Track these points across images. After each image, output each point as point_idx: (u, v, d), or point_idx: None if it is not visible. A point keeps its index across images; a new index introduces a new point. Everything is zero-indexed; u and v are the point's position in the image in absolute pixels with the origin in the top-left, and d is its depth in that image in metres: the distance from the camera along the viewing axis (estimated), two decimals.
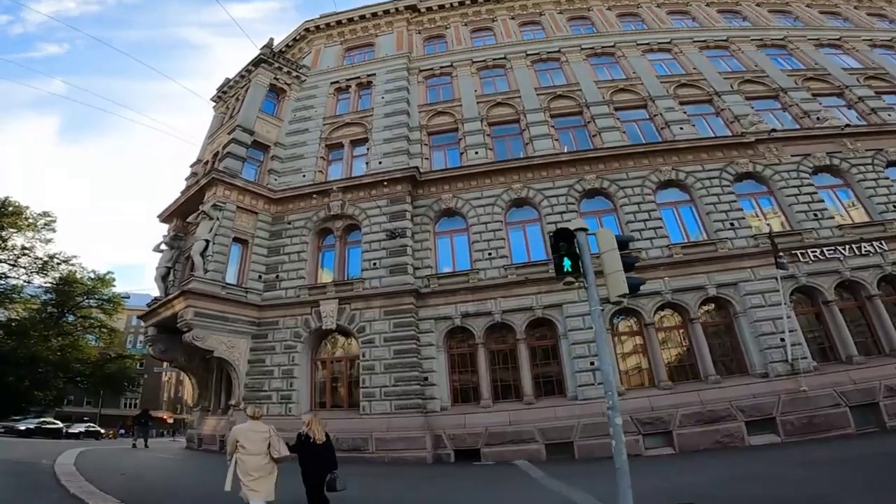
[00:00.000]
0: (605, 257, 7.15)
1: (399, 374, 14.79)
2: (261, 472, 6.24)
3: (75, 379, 36.70)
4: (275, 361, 15.80)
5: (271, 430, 6.64)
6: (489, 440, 13.98)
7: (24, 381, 32.02)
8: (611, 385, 6.54)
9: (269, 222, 18.23)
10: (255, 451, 6.32)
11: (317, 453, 6.67)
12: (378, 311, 15.75)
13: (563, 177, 18.23)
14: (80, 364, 36.33)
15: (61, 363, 34.28)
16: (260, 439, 6.43)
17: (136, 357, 39.51)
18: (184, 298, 15.28)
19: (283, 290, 16.84)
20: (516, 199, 18.06)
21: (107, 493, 8.38)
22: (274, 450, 6.45)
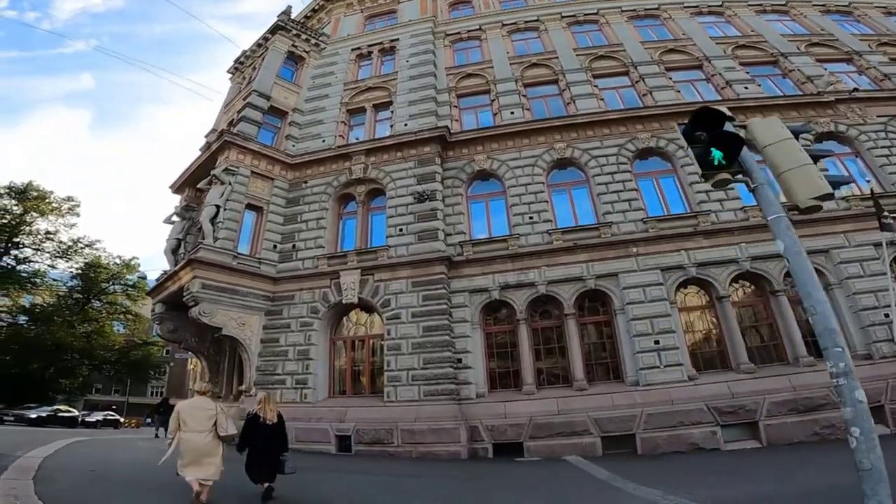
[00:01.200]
0: (776, 150, 4.54)
1: (429, 354, 12.49)
2: (204, 450, 5.76)
3: (100, 366, 35.59)
4: (290, 341, 13.68)
5: (218, 408, 6.17)
6: (534, 432, 11.54)
7: (49, 369, 30.95)
8: (836, 338, 3.88)
9: (285, 189, 16.16)
10: (199, 429, 5.83)
11: (267, 434, 6.28)
12: (405, 282, 13.50)
13: (612, 136, 15.77)
14: (106, 351, 35.20)
15: (86, 350, 33.13)
16: (205, 417, 5.93)
17: (160, 344, 38.22)
18: (190, 269, 13.29)
19: (300, 261, 14.71)
20: (559, 159, 15.58)
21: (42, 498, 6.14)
22: (220, 427, 5.95)
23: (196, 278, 13.10)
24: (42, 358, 30.31)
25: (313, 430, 12.33)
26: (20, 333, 31.26)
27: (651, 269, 13.00)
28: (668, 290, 12.76)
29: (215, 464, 5.85)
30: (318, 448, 12.09)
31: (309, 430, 12.36)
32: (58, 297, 33.27)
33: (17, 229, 29.45)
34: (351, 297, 13.60)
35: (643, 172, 15.24)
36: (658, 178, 15.21)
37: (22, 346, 30.53)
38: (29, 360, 29.78)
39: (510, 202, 14.90)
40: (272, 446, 6.30)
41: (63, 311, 32.32)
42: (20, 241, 30.13)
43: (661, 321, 12.32)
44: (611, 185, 14.75)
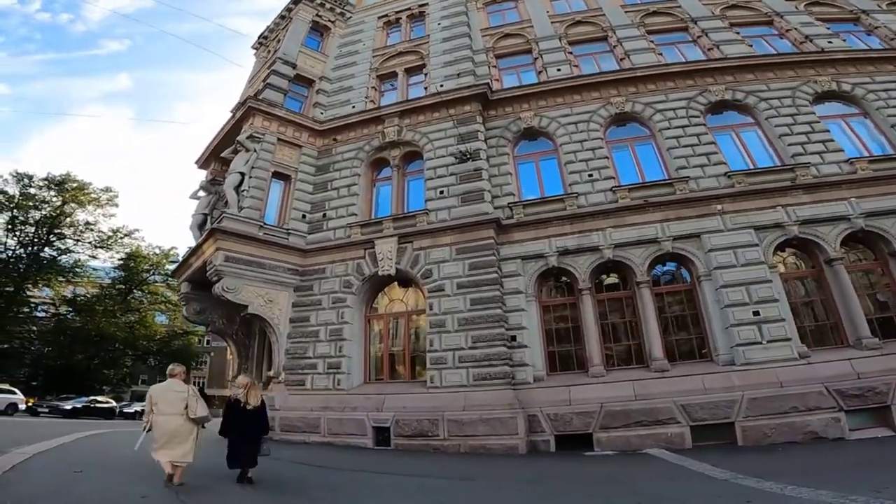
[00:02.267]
0: None
1: (478, 331, 10.48)
2: (176, 432, 5.54)
3: (143, 357, 35.17)
4: (321, 319, 11.92)
5: (190, 390, 5.91)
6: (606, 422, 9.39)
7: (93, 360, 30.60)
8: None
9: (314, 156, 14.46)
10: (170, 412, 5.60)
11: (249, 419, 6.08)
12: (448, 249, 11.53)
13: (678, 89, 13.47)
14: (148, 341, 34.71)
15: (129, 340, 32.65)
16: (177, 399, 5.68)
17: (199, 333, 37.66)
18: (213, 240, 11.70)
19: (331, 231, 12.93)
20: (618, 114, 13.33)
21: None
22: (191, 410, 5.69)
23: (219, 250, 11.50)
24: (86, 349, 29.98)
25: (348, 422, 10.52)
26: (64, 325, 31.05)
27: (742, 229, 10.61)
28: (765, 252, 10.34)
29: (187, 445, 5.64)
30: (352, 442, 10.28)
31: (343, 422, 10.56)
32: (101, 288, 32.97)
33: (56, 220, 29.14)
34: (388, 269, 11.73)
35: (720, 126, 12.85)
36: (738, 131, 12.80)
37: (66, 337, 30.31)
38: (73, 352, 29.50)
39: (564, 160, 12.74)
40: (253, 431, 6.09)
41: (105, 301, 31.94)
42: (61, 231, 29.85)
43: (760, 289, 9.93)
44: (682, 138, 12.41)
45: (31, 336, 30.70)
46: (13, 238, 28.38)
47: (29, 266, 28.47)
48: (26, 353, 31.36)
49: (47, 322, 31.40)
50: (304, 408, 11.11)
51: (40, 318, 31.30)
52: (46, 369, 30.88)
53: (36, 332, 30.83)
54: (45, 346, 31.19)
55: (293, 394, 11.50)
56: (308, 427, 10.83)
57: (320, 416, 10.82)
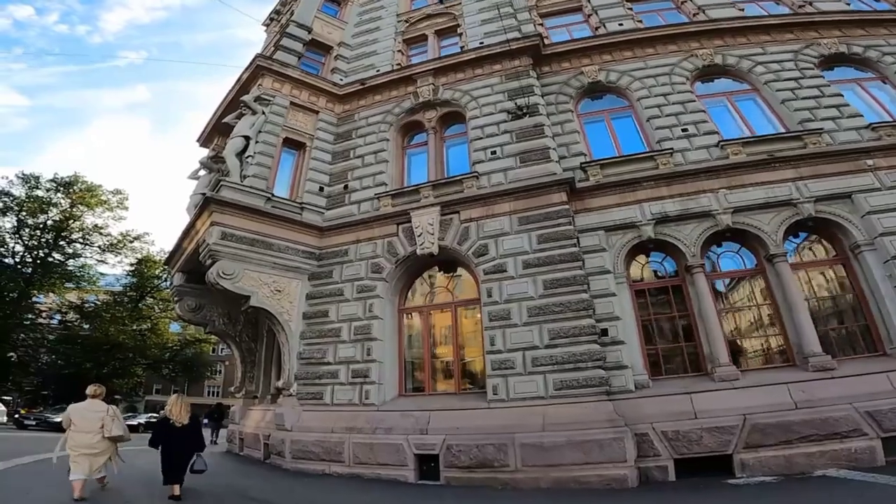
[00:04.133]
0: None
1: (557, 322, 7.36)
2: (90, 448, 5.55)
3: (154, 366, 32.16)
4: (343, 314, 8.86)
5: (110, 410, 5.87)
6: (753, 438, 6.27)
7: (103, 369, 27.72)
8: None
9: (333, 123, 11.58)
10: (86, 429, 5.59)
11: (179, 437, 5.80)
12: (507, 219, 8.48)
13: (777, 42, 10.56)
14: (159, 350, 31.82)
15: (140, 349, 29.81)
16: (95, 418, 5.66)
17: (212, 341, 34.72)
18: (208, 213, 8.79)
19: (355, 205, 9.91)
20: (706, 66, 10.36)
21: None
22: (106, 429, 5.65)
23: (215, 225, 8.56)
24: (95, 357, 27.17)
25: (381, 447, 7.39)
26: (72, 332, 28.32)
27: None
28: None
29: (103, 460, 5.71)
30: (387, 474, 7.18)
31: (374, 447, 7.42)
32: (111, 295, 30.25)
33: (64, 224, 26.62)
34: (429, 246, 8.69)
35: (841, 80, 9.86)
36: (864, 84, 9.81)
37: (74, 345, 27.57)
38: (82, 360, 26.71)
39: (645, 115, 9.69)
40: (184, 449, 5.82)
41: (115, 308, 29.15)
42: (69, 235, 27.27)
43: None
44: (798, 90, 9.40)
45: (37, 344, 28.01)
46: (20, 244, 25.94)
47: (35, 271, 25.93)
48: (32, 362, 28.63)
49: (54, 330, 28.71)
50: (323, 428, 8.01)
51: (47, 326, 28.61)
52: (55, 378, 28.12)
53: (43, 339, 28.15)
54: (52, 354, 28.45)
55: (308, 409, 8.42)
56: (328, 454, 7.73)
57: (344, 440, 7.71)
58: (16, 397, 33.35)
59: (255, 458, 9.37)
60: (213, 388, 47.59)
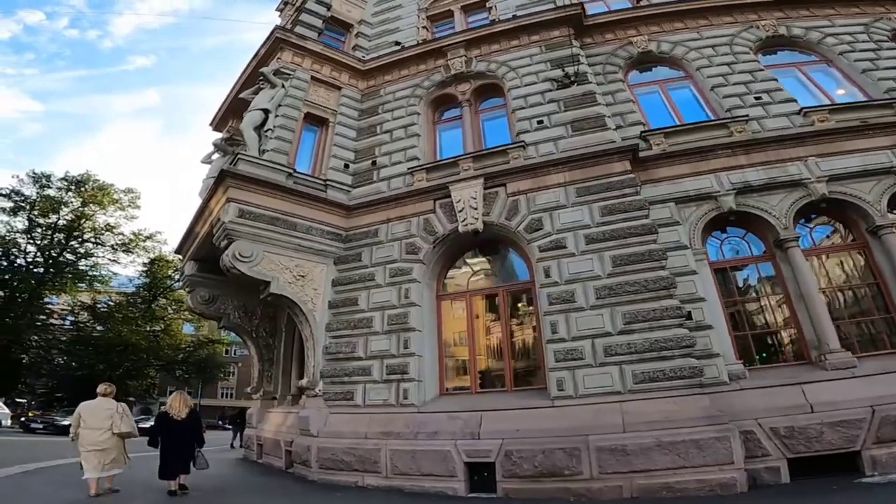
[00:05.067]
0: None
1: (632, 304, 6.06)
2: (100, 445, 5.52)
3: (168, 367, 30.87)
4: (375, 301, 7.57)
5: (119, 408, 5.84)
6: (885, 433, 5.06)
7: (116, 370, 26.48)
8: None
9: (357, 99, 10.40)
10: (96, 426, 5.58)
11: (178, 431, 5.72)
12: (562, 190, 7.20)
13: (844, 16, 9.38)
14: (172, 351, 30.43)
15: (153, 350, 28.50)
16: (105, 416, 5.66)
17: (226, 341, 33.61)
18: (223, 190, 7.57)
19: (385, 181, 8.68)
20: (770, 37, 9.18)
21: None
22: (115, 426, 5.64)
23: (231, 202, 7.36)
24: (108, 358, 25.99)
25: (424, 454, 6.11)
26: (84, 334, 27.17)
27: None
28: None
29: (112, 456, 5.61)
30: (433, 486, 5.91)
31: (416, 455, 6.14)
32: (125, 296, 29.08)
33: (76, 223, 25.58)
34: (472, 222, 7.43)
35: None
36: None
37: (87, 346, 26.41)
38: (95, 362, 25.54)
39: (708, 84, 8.44)
40: (183, 443, 5.72)
41: (127, 308, 27.97)
42: (81, 235, 26.19)
43: None
44: (878, 61, 8.20)
45: (49, 345, 26.85)
46: (32, 244, 24.89)
47: (47, 271, 24.86)
48: (44, 364, 27.46)
49: (67, 331, 27.56)
50: (355, 433, 6.73)
51: (59, 327, 27.46)
52: (68, 380, 26.95)
53: (55, 341, 27.01)
54: (64, 356, 27.28)
55: (336, 412, 7.14)
56: (361, 463, 6.44)
57: (380, 447, 6.43)
58: (29, 400, 32.22)
59: (275, 466, 8.08)
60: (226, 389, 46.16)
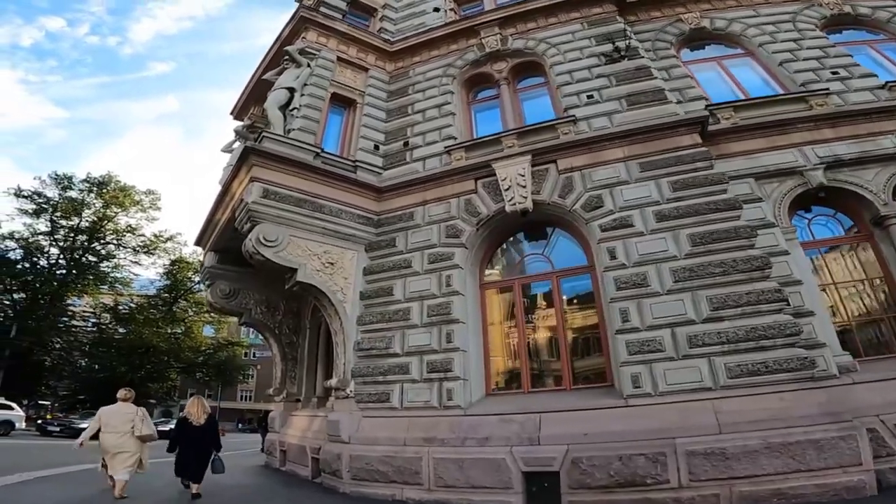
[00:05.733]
0: None
1: (720, 288, 5.07)
2: (121, 448, 5.48)
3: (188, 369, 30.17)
4: (412, 290, 6.63)
5: (139, 412, 5.83)
6: None
7: (138, 372, 25.89)
8: None
9: (385, 81, 9.58)
10: (117, 430, 5.53)
11: (195, 436, 5.72)
12: (622, 166, 6.24)
13: None
14: (193, 353, 29.72)
15: (174, 352, 27.90)
16: (125, 420, 5.64)
17: (245, 344, 32.89)
18: (246, 169, 6.74)
19: (419, 162, 7.76)
20: (836, 15, 8.23)
21: None
22: (136, 429, 5.63)
23: (255, 182, 6.54)
24: (129, 361, 25.43)
25: (473, 463, 5.15)
26: (107, 335, 26.67)
27: None
28: None
29: (132, 459, 5.57)
30: (483, 500, 4.98)
31: (463, 464, 5.18)
32: (146, 298, 28.60)
33: (99, 225, 25.20)
34: (520, 201, 6.49)
35: None
36: None
37: (109, 348, 25.88)
38: (116, 363, 24.96)
39: (776, 59, 7.50)
40: (201, 447, 5.68)
41: (148, 310, 27.45)
42: (103, 236, 25.78)
43: None
44: None
45: (71, 347, 26.39)
46: (55, 246, 24.55)
47: (69, 272, 24.45)
48: (66, 366, 26.98)
49: (89, 333, 27.10)
50: (392, 439, 5.78)
51: (81, 329, 27.02)
52: (90, 383, 26.42)
53: (77, 343, 26.53)
54: (85, 357, 26.80)
55: (370, 415, 6.20)
56: (400, 473, 5.48)
57: (421, 455, 5.47)
58: (52, 402, 31.80)
59: (300, 475, 7.11)
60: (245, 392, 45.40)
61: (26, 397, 27.83)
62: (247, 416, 42.10)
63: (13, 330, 22.25)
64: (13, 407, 15.05)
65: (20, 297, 24.49)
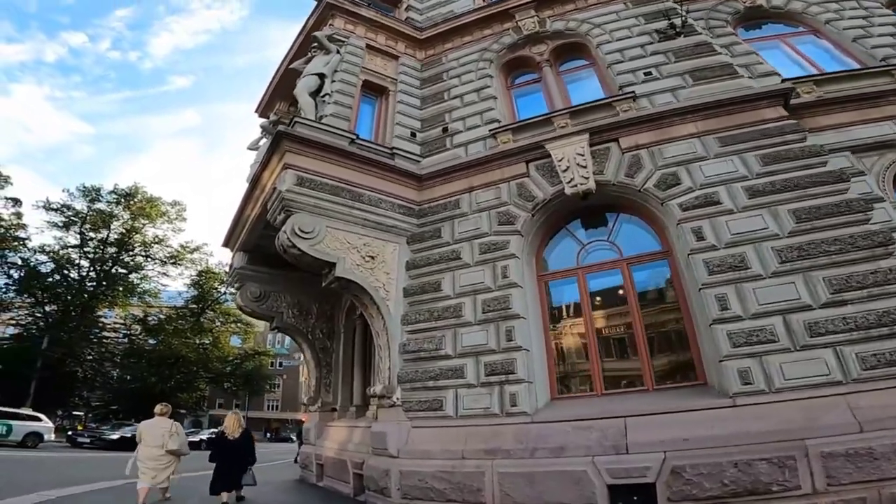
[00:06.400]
0: None
1: (837, 267, 4.19)
2: (156, 461, 5.63)
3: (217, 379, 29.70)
4: (463, 284, 5.82)
5: (173, 427, 5.94)
6: None
7: (168, 382, 25.47)
8: None
9: (416, 69, 8.87)
10: (153, 444, 5.69)
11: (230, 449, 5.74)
12: (696, 141, 5.39)
13: None
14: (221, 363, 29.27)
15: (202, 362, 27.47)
16: (160, 434, 5.78)
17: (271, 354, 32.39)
18: (279, 156, 6.06)
19: (461, 147, 6.99)
20: None
21: None
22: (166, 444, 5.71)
23: (288, 168, 5.85)
24: (159, 371, 25.04)
25: (546, 478, 4.32)
26: (138, 346, 26.39)
27: None
28: None
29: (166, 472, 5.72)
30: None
31: (535, 479, 4.36)
32: (174, 309, 28.30)
33: (127, 236, 25.02)
34: (581, 182, 5.64)
35: None
36: None
37: (139, 359, 25.56)
38: (147, 373, 24.57)
39: (848, 36, 6.71)
40: (236, 461, 5.73)
41: (177, 321, 27.10)
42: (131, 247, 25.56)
43: None
44: None
45: (102, 358, 26.13)
46: (85, 258, 24.39)
47: (98, 284, 24.24)
48: (97, 377, 26.71)
49: (119, 344, 26.85)
50: (447, 452, 4.95)
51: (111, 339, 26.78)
52: (123, 393, 26.11)
53: (108, 354, 26.28)
54: (117, 368, 26.54)
55: (421, 425, 5.38)
56: (458, 491, 4.64)
57: (483, 469, 4.64)
58: (86, 413, 31.61)
59: (341, 492, 6.30)
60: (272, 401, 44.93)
61: (60, 408, 27.66)
62: (273, 425, 41.54)
63: (45, 341, 22.03)
64: (41, 418, 14.54)
65: (52, 310, 24.37)
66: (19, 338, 23.56)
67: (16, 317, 24.66)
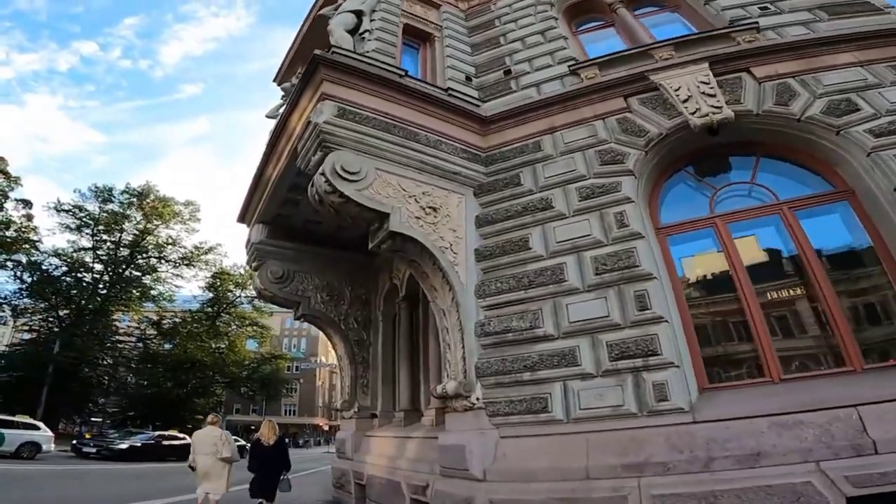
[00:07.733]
0: None
1: None
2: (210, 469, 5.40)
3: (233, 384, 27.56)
4: (559, 240, 4.08)
5: (223, 436, 5.64)
6: None
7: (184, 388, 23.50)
8: None
9: (461, 18, 7.34)
10: (205, 452, 5.47)
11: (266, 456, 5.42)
12: (860, 70, 3.89)
13: None
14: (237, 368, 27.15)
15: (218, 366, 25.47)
16: (211, 443, 5.52)
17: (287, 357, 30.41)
18: (313, 87, 4.41)
19: (532, 88, 5.30)
20: None
21: None
22: (218, 452, 5.45)
23: (327, 99, 4.21)
24: (175, 376, 23.09)
25: (737, 496, 2.58)
26: (153, 351, 24.47)
27: None
28: None
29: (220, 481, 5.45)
30: None
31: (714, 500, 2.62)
32: (189, 313, 26.40)
33: (140, 238, 23.30)
34: (714, 112, 3.91)
35: None
36: None
37: (155, 364, 23.65)
38: (163, 378, 22.63)
39: None
40: (272, 467, 5.40)
41: (192, 324, 25.20)
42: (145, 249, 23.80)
43: None
44: None
45: (117, 363, 24.18)
46: (98, 261, 22.65)
47: (112, 286, 22.45)
48: (112, 382, 24.70)
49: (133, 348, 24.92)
50: (559, 470, 3.22)
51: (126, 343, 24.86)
52: (139, 399, 24.13)
53: (122, 358, 24.34)
54: (131, 373, 24.57)
55: (513, 435, 3.62)
56: None
57: (627, 491, 2.91)
58: (103, 419, 29.48)
59: None
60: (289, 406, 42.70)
61: (76, 414, 25.70)
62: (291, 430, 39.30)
63: (56, 346, 20.18)
64: (39, 426, 12.56)
65: (65, 314, 22.55)
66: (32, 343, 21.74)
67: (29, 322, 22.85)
